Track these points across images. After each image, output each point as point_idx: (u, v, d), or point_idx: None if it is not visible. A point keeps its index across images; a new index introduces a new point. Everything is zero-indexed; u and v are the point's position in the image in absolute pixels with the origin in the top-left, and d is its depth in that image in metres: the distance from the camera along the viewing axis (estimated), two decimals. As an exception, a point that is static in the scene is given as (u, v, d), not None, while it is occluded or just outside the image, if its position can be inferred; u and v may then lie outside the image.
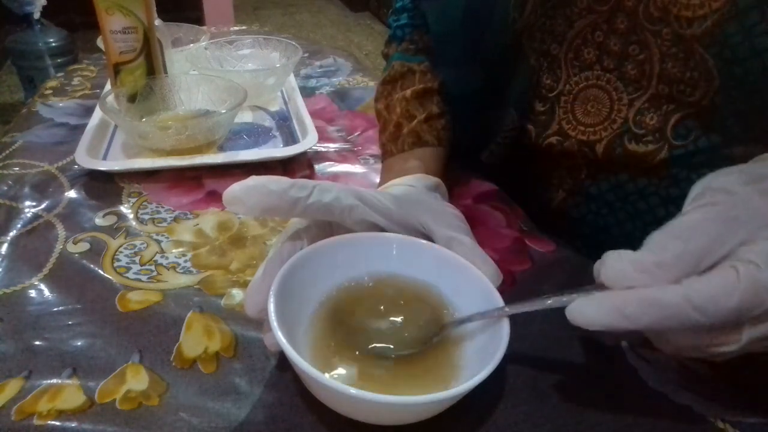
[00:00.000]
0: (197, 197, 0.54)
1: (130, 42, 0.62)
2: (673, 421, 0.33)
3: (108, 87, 0.71)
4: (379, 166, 0.56)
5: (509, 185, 0.57)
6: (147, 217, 0.51)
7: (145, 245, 0.47)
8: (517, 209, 0.54)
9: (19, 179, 0.55)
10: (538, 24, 0.47)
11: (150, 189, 0.55)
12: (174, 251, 0.47)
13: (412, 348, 0.33)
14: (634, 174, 0.46)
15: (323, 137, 0.66)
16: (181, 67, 0.73)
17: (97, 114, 0.65)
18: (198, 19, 2.60)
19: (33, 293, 0.41)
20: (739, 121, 0.40)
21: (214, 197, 0.54)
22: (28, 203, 0.52)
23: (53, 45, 2.09)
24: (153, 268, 0.44)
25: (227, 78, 0.66)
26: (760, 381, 0.37)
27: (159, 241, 0.48)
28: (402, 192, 0.42)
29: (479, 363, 0.31)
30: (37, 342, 0.37)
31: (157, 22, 0.64)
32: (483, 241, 0.39)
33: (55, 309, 0.40)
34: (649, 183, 0.46)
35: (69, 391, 0.34)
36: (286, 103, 0.75)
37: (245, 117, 0.71)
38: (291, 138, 0.66)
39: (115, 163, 0.58)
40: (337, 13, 3.92)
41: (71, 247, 0.46)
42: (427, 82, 0.54)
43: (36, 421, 0.32)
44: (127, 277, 0.43)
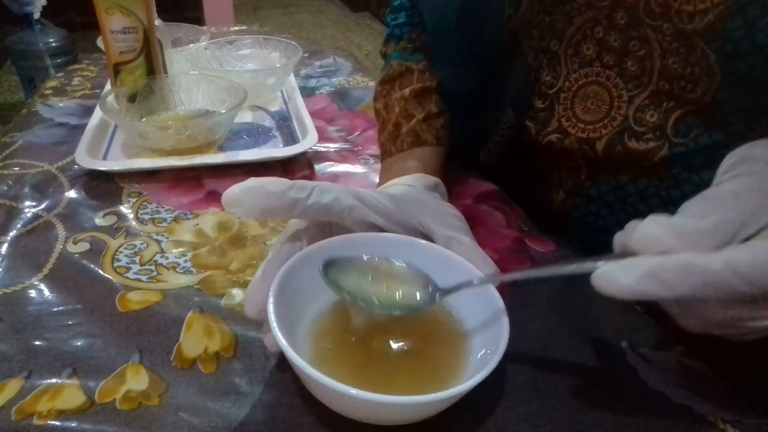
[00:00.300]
0: (197, 197, 0.54)
1: (130, 42, 0.62)
2: (673, 421, 0.33)
3: (108, 87, 0.71)
4: (379, 166, 0.56)
5: (509, 185, 0.57)
6: (147, 217, 0.51)
7: (145, 245, 0.47)
8: (517, 209, 0.54)
9: (19, 179, 0.55)
10: (536, 21, 0.47)
11: (150, 189, 0.55)
12: (174, 251, 0.47)
13: (404, 310, 0.33)
14: (634, 175, 0.46)
15: (323, 137, 0.66)
16: (181, 67, 0.73)
17: (97, 114, 0.65)
18: (198, 19, 2.60)
19: (33, 293, 0.41)
20: (741, 118, 0.39)
21: (214, 197, 0.54)
22: (28, 203, 0.52)
23: (53, 45, 2.09)
24: (153, 268, 0.45)
25: (227, 78, 0.66)
26: (760, 381, 0.37)
27: (159, 241, 0.48)
28: (401, 192, 0.42)
29: (479, 363, 0.31)
30: (37, 342, 0.37)
31: (157, 22, 0.64)
32: (483, 241, 0.39)
33: (55, 309, 0.40)
34: (650, 184, 0.45)
35: (69, 391, 0.34)
36: (286, 103, 0.75)
37: (245, 117, 0.71)
38: (291, 138, 0.66)
39: (115, 163, 0.58)
40: (337, 13, 3.92)
41: (71, 247, 0.46)
42: (426, 81, 0.54)
43: (36, 421, 0.32)
44: (127, 277, 0.43)
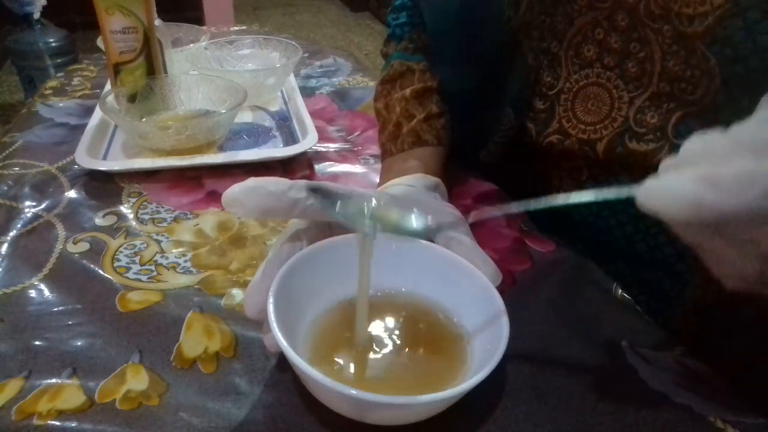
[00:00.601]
0: (197, 197, 0.54)
1: (130, 42, 0.62)
2: (673, 421, 0.33)
3: (108, 87, 0.71)
4: (379, 166, 0.56)
5: (509, 186, 0.57)
6: (147, 217, 0.51)
7: (145, 245, 0.47)
8: (517, 209, 0.53)
9: (19, 179, 0.55)
10: (536, 22, 0.47)
11: (150, 189, 0.55)
12: (174, 251, 0.47)
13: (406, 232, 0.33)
14: (635, 176, 0.46)
15: (323, 137, 0.66)
16: (181, 67, 0.73)
17: (97, 114, 0.65)
18: (198, 19, 2.60)
19: (33, 293, 0.41)
20: (741, 120, 0.39)
21: (214, 197, 0.54)
22: (28, 203, 0.52)
23: (53, 45, 2.08)
24: (153, 268, 0.45)
25: (227, 78, 0.66)
26: (760, 381, 0.37)
27: (159, 241, 0.48)
28: (401, 192, 0.42)
29: (479, 363, 0.31)
30: (37, 342, 0.37)
31: (157, 22, 0.64)
32: (483, 241, 0.39)
33: (55, 309, 0.40)
34: None
35: (69, 391, 0.34)
36: (286, 103, 0.75)
37: (245, 117, 0.71)
38: (291, 138, 0.66)
39: (115, 163, 0.58)
40: (337, 13, 3.92)
41: (71, 247, 0.46)
42: (427, 81, 0.54)
43: (36, 421, 0.32)
44: (127, 277, 0.43)
